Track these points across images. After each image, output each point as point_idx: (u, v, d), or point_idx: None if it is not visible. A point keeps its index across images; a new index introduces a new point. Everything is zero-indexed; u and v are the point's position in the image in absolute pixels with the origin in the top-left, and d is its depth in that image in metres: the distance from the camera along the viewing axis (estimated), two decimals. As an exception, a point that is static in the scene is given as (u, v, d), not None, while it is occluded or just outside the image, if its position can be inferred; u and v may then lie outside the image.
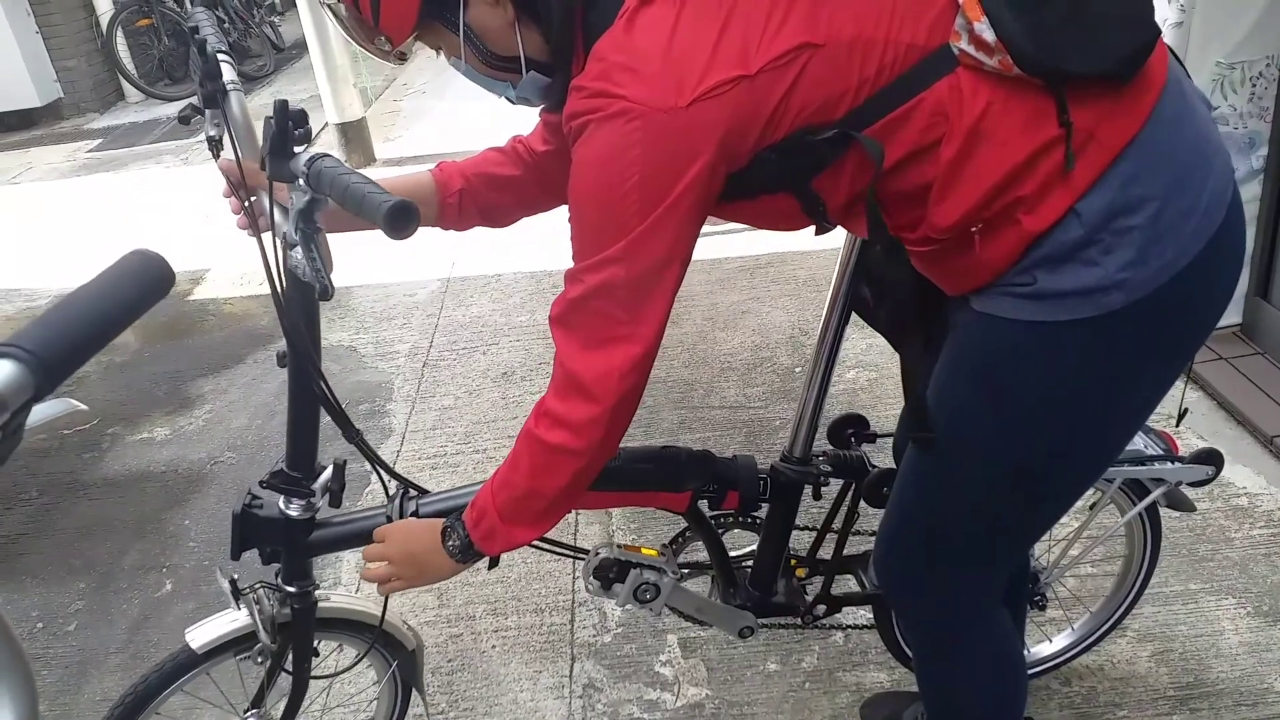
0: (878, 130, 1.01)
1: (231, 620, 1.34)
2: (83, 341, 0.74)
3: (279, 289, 1.13)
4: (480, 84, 1.17)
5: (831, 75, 0.99)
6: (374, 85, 6.78)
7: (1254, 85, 2.48)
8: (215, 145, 1.19)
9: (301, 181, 1.01)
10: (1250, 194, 2.58)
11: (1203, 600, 2.02)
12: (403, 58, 1.14)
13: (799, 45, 0.98)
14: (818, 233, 1.19)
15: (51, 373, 0.70)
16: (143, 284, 0.82)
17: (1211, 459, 1.49)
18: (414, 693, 1.61)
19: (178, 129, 6.60)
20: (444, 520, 1.23)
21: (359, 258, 3.49)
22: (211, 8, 7.75)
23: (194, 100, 1.25)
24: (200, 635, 1.34)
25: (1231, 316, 2.75)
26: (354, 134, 5.28)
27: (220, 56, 1.20)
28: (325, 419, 1.24)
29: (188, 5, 7.50)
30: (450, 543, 1.22)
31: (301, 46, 7.60)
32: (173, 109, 7.09)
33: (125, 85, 7.47)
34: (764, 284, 3.49)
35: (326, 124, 5.35)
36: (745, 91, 0.98)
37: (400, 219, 0.89)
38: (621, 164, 0.98)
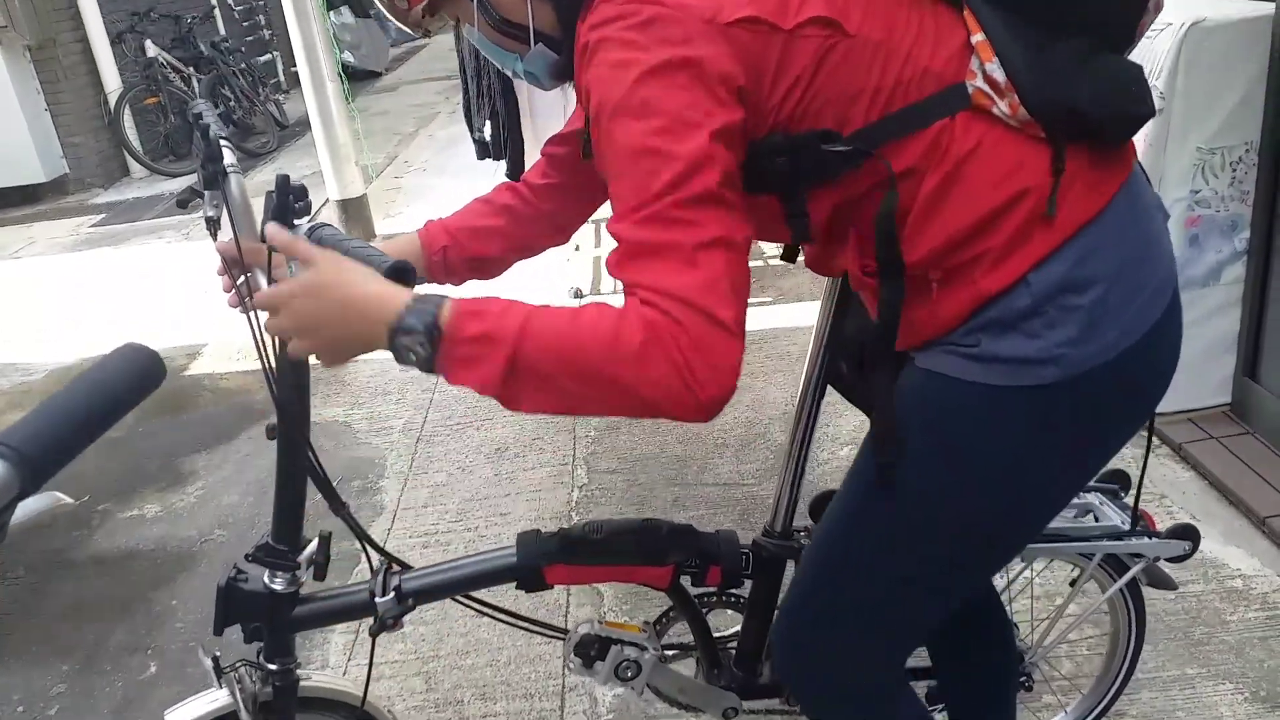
0: (884, 152, 1.03)
1: (212, 700, 1.33)
2: (71, 438, 0.75)
3: (268, 362, 1.13)
4: (490, 55, 1.18)
5: (854, 70, 1.00)
6: (375, 163, 6.90)
7: (1234, 169, 2.53)
8: (214, 225, 1.21)
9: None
10: (1234, 275, 2.62)
11: (1200, 685, 1.99)
12: (427, 33, 1.17)
13: (832, 20, 0.99)
14: (785, 256, 1.20)
15: (37, 471, 0.71)
16: (133, 378, 0.83)
17: (1188, 534, 1.50)
18: None
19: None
20: (404, 302, 0.93)
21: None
22: (219, 86, 7.93)
23: (193, 184, 1.28)
24: (181, 716, 1.32)
25: (1220, 396, 2.76)
26: (355, 210, 5.36)
27: (221, 141, 1.24)
28: (314, 493, 1.24)
29: (194, 85, 7.66)
30: (404, 340, 0.92)
31: (305, 124, 7.75)
32: (176, 184, 7.20)
33: (130, 161, 7.60)
34: (758, 360, 3.51)
35: (328, 200, 5.42)
36: (778, 43, 0.98)
37: (398, 278, 0.92)
38: (664, 59, 0.93)
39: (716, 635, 1.56)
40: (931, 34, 1.03)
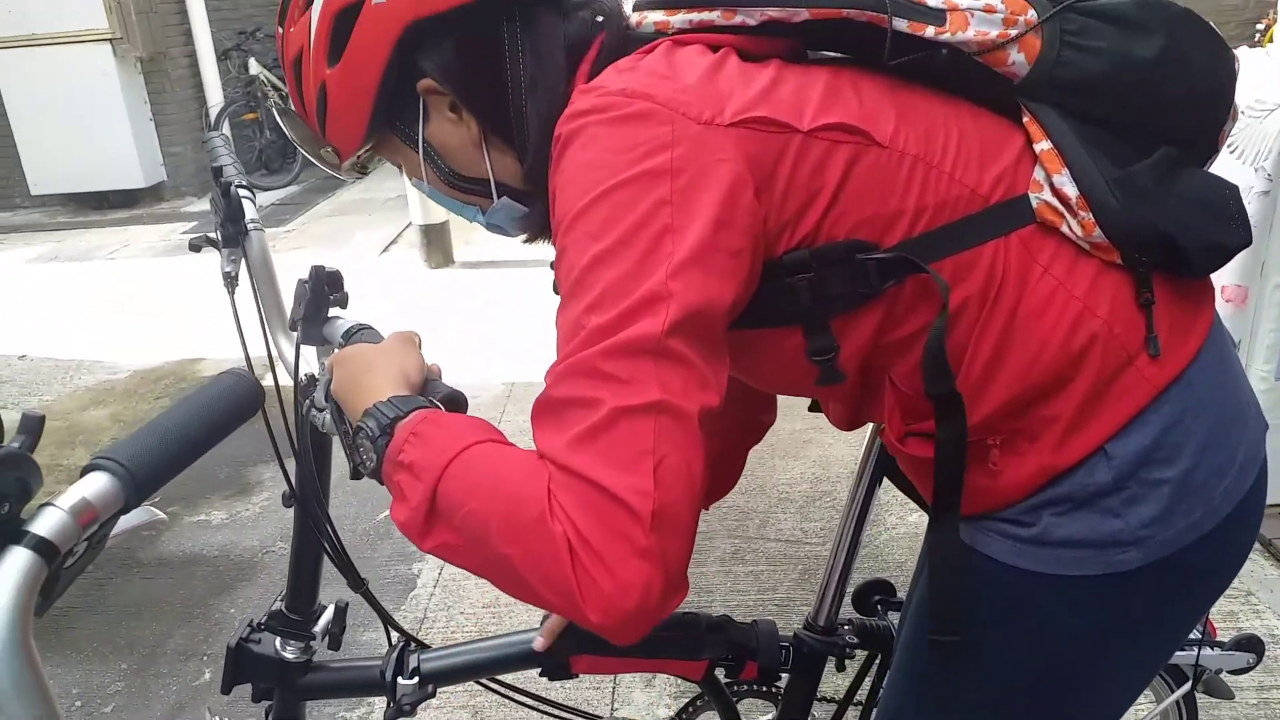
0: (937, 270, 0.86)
1: None
2: (173, 459, 0.77)
3: (292, 436, 1.07)
4: (446, 206, 1.02)
5: (887, 184, 0.84)
6: (458, 189, 7.02)
7: (1343, 257, 2.43)
8: (231, 282, 1.17)
9: (336, 350, 0.99)
10: (1337, 365, 2.51)
11: (1279, 797, 1.88)
12: (363, 171, 1.03)
13: (859, 128, 0.84)
14: (813, 406, 1.01)
15: (141, 488, 0.73)
16: (233, 405, 0.84)
17: (1252, 646, 1.42)
18: None
19: (269, 217, 6.90)
20: (364, 414, 0.85)
21: (426, 355, 3.54)
22: (284, 107, 8.15)
23: (208, 234, 1.22)
24: None
25: (1315, 490, 2.63)
26: (435, 236, 5.46)
27: (242, 193, 1.19)
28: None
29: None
30: (358, 435, 0.84)
31: (394, 147, 7.98)
32: (266, 198, 7.44)
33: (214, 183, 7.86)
34: (827, 415, 3.46)
35: (410, 224, 5.54)
36: (795, 147, 0.82)
37: (451, 407, 0.86)
38: (645, 169, 0.77)
39: None
40: (976, 152, 0.88)
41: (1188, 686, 1.45)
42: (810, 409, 1.05)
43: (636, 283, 0.74)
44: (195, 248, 1.19)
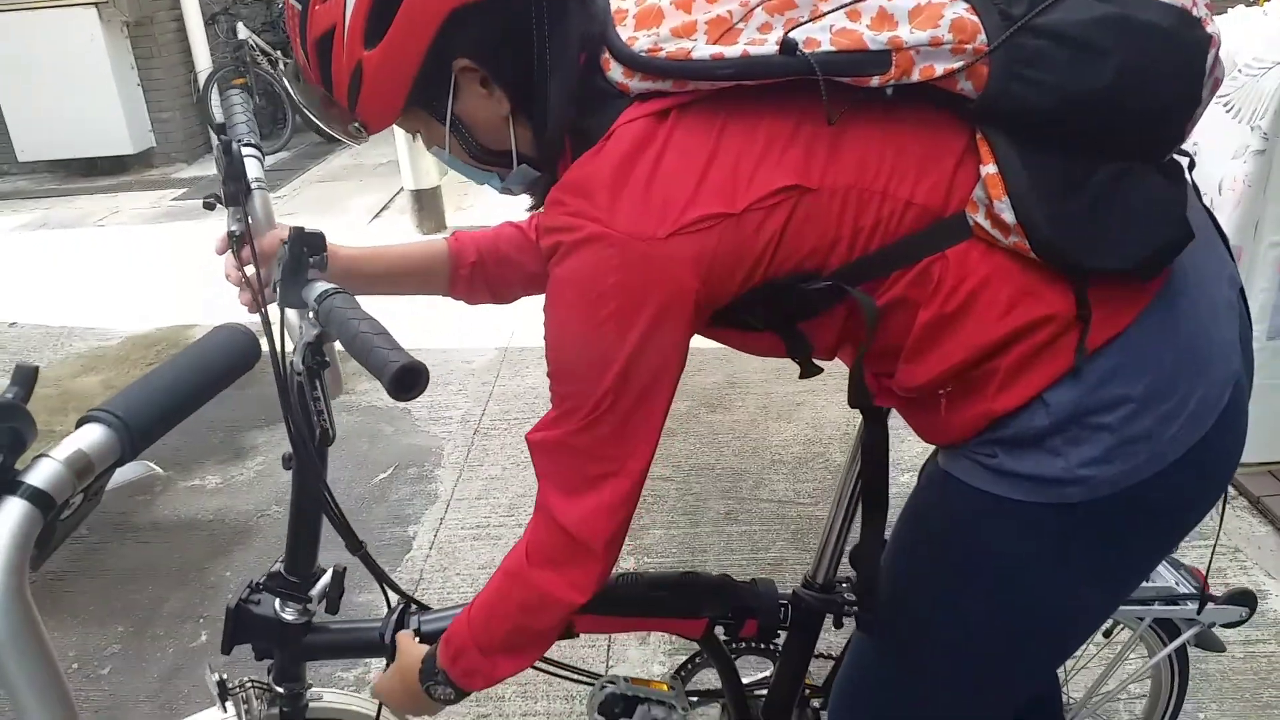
0: (871, 287, 0.95)
1: None
2: (169, 412, 0.77)
3: (291, 397, 1.08)
4: (463, 173, 1.09)
5: (823, 222, 0.92)
6: (450, 154, 6.97)
7: (1337, 216, 2.43)
8: (236, 241, 1.16)
9: (311, 315, 0.99)
10: (1330, 325, 2.52)
11: (1265, 750, 1.91)
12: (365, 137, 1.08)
13: (790, 186, 0.91)
14: (803, 375, 1.10)
15: (137, 440, 0.73)
16: (230, 358, 0.84)
17: (1245, 600, 1.45)
18: None
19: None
20: (419, 666, 1.16)
21: (422, 321, 3.54)
22: (295, 78, 8.07)
23: (217, 192, 1.21)
24: None
25: (1305, 450, 2.66)
26: (428, 200, 5.42)
27: (247, 152, 1.18)
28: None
29: (281, 67, 7.82)
30: (432, 688, 1.15)
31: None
32: (257, 164, 7.38)
33: (214, 138, 7.78)
34: (820, 376, 3.46)
35: (402, 189, 5.50)
36: (729, 230, 0.91)
37: (407, 383, 0.82)
38: (597, 291, 0.91)
39: (744, 683, 1.51)
40: (915, 162, 0.92)
41: (1185, 637, 1.47)
42: (801, 376, 1.10)
43: (592, 385, 0.94)
44: (209, 206, 1.20)
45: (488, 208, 5.92)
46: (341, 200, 6.37)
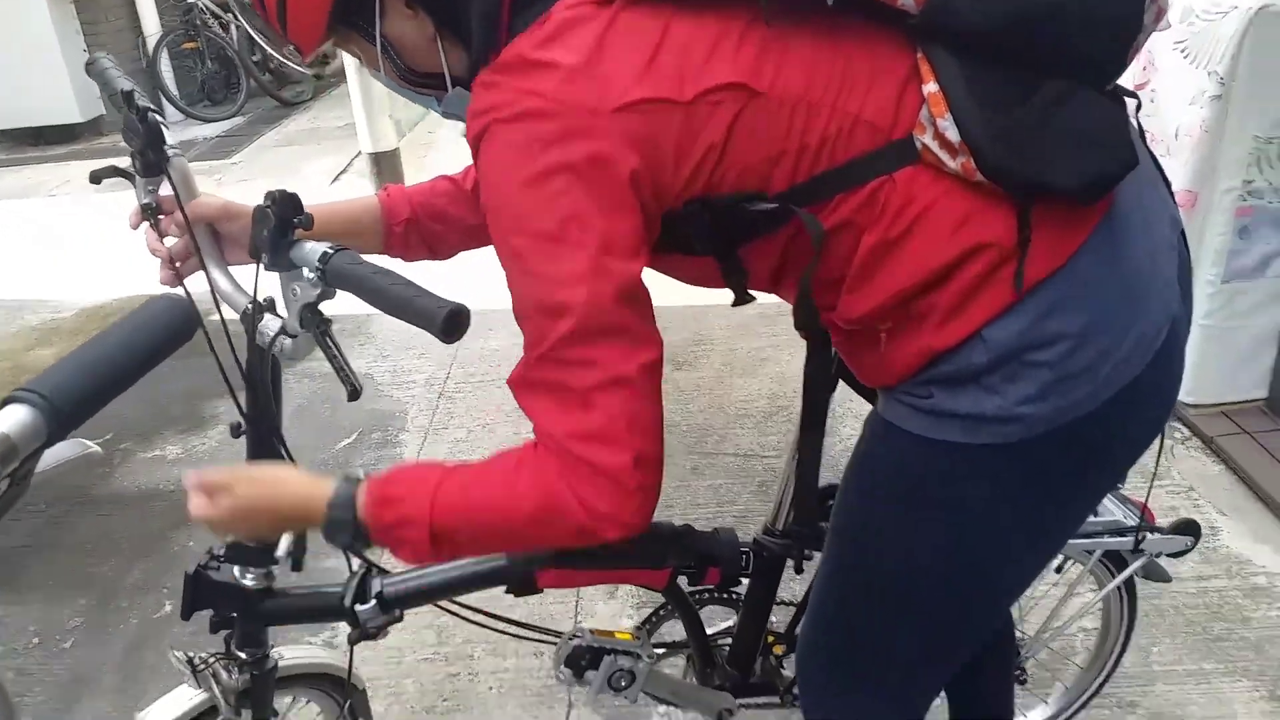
0: (816, 209, 0.93)
1: (188, 699, 1.26)
2: (100, 389, 0.75)
3: (255, 366, 1.08)
4: (405, 96, 1.09)
5: (770, 132, 0.90)
6: (409, 116, 6.86)
7: (1290, 160, 2.45)
8: (152, 212, 1.14)
9: (310, 274, 0.98)
10: (1280, 269, 2.55)
11: (1216, 681, 1.96)
12: (325, 62, 1.09)
13: (739, 84, 0.89)
14: (735, 303, 1.09)
15: (65, 419, 0.70)
16: (165, 331, 0.82)
17: (1190, 529, 1.48)
18: None
19: (215, 148, 6.72)
20: (325, 504, 0.98)
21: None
22: (243, 6, 7.87)
23: (117, 163, 1.18)
24: (156, 717, 1.25)
25: (1258, 390, 2.70)
26: (386, 164, 5.33)
27: (158, 119, 1.14)
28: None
29: (233, 31, 7.64)
30: (339, 540, 0.99)
31: (340, 75, 7.72)
32: (212, 129, 7.23)
33: (167, 105, 7.60)
34: (784, 330, 3.47)
35: (360, 152, 5.41)
36: (676, 119, 0.89)
37: (457, 326, 0.87)
38: (540, 167, 0.86)
39: (709, 633, 1.53)
40: (864, 77, 0.91)
41: (1132, 569, 1.50)
42: (734, 304, 1.09)
43: (569, 271, 0.87)
44: (95, 179, 1.14)
45: (449, 167, 5.83)
46: (298, 164, 6.25)
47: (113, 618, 2.34)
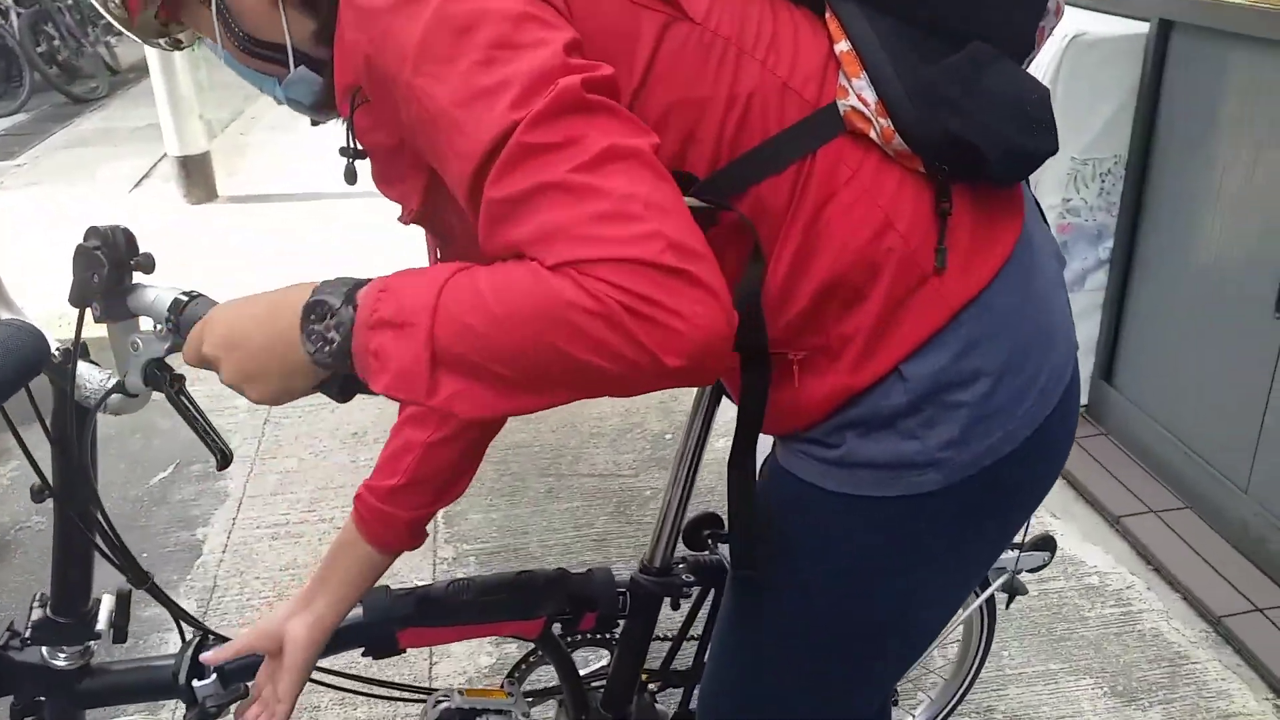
0: (744, 201, 0.83)
1: None
2: None
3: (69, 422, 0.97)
4: (243, 76, 0.94)
5: (699, 65, 0.81)
6: (220, 117, 6.44)
7: (1103, 181, 2.62)
8: None
9: (160, 328, 0.89)
10: (1097, 283, 2.72)
11: (1062, 680, 2.05)
12: (178, 45, 0.95)
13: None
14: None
15: None
16: (12, 362, 0.70)
17: (1046, 544, 1.54)
18: None
19: (-7, 149, 6.09)
20: (313, 294, 0.76)
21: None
22: (41, 22, 7.22)
23: None
24: None
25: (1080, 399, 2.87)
26: (195, 168, 4.97)
27: None
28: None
29: (13, 20, 6.95)
30: (313, 332, 0.76)
31: (140, 70, 7.18)
32: (-12, 127, 6.55)
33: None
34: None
35: (165, 155, 5.02)
36: (608, 7, 0.79)
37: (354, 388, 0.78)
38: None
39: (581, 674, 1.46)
40: (790, 43, 0.85)
41: (995, 586, 1.53)
42: None
43: (526, 63, 0.69)
44: None
45: (264, 173, 5.51)
46: (93, 168, 5.74)
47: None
